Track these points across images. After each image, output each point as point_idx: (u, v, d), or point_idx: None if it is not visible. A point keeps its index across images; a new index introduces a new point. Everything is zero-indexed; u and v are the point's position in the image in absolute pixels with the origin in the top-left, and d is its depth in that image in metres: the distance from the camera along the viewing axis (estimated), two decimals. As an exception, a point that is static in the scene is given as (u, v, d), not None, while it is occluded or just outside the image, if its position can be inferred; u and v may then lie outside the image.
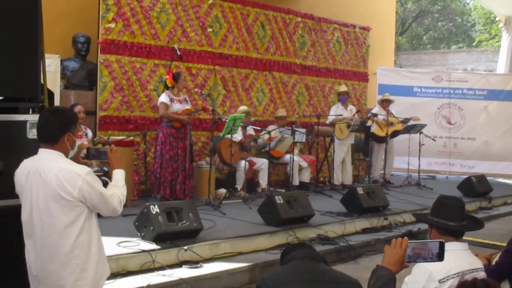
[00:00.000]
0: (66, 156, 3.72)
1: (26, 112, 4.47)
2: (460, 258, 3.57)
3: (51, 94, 5.08)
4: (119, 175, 3.94)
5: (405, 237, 2.89)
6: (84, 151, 4.07)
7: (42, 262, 3.66)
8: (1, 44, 4.36)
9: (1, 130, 4.21)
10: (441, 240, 2.86)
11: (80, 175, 3.58)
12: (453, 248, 3.56)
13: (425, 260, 2.87)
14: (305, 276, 2.95)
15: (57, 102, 8.32)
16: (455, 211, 3.76)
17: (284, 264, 3.12)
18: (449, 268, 3.52)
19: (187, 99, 9.84)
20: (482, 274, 3.57)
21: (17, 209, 3.81)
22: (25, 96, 4.57)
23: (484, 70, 24.98)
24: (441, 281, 3.52)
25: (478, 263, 3.71)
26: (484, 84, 16.35)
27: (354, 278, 3.08)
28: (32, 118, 4.38)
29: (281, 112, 11.96)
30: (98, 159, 4.21)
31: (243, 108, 10.89)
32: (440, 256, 2.83)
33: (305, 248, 3.13)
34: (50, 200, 3.58)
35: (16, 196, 3.82)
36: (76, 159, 3.87)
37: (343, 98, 12.48)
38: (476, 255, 3.88)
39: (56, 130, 3.66)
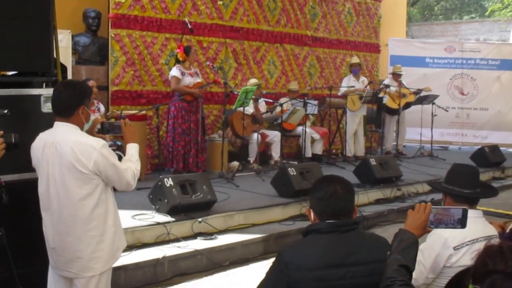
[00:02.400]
0: (81, 129, 3.74)
1: (39, 86, 4.49)
2: (475, 225, 3.56)
3: (64, 68, 5.10)
4: (133, 150, 3.96)
5: (429, 202, 2.89)
6: (98, 125, 4.08)
7: (59, 235, 3.70)
8: (14, 19, 4.37)
9: (16, 104, 4.23)
10: (465, 207, 2.86)
11: (95, 148, 3.60)
12: (468, 216, 3.56)
13: (446, 226, 2.86)
14: (330, 260, 2.83)
15: (69, 77, 8.34)
16: (469, 179, 3.76)
17: (309, 234, 2.96)
18: (464, 235, 3.52)
19: (198, 72, 9.84)
20: (497, 241, 3.57)
21: (33, 182, 3.85)
22: (38, 70, 4.59)
23: (497, 40, 24.74)
24: (455, 248, 3.53)
25: (493, 231, 3.72)
26: (497, 54, 16.23)
27: (384, 248, 2.92)
28: (46, 92, 4.41)
29: (293, 86, 11.93)
30: (112, 133, 4.22)
31: (253, 81, 10.86)
32: (462, 223, 2.82)
33: (330, 220, 2.93)
34: (66, 173, 3.61)
35: (31, 170, 3.86)
36: (90, 133, 3.89)
37: (355, 70, 12.42)
38: (491, 223, 3.88)
39: (71, 103, 3.67)
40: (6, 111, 3.57)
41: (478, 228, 3.61)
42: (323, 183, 3.06)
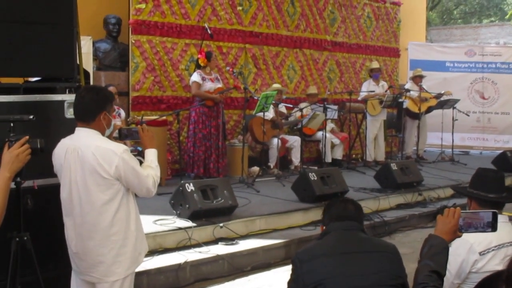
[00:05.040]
0: (103, 134, 3.76)
1: (63, 92, 4.53)
2: (501, 230, 3.48)
3: (87, 74, 5.15)
4: (152, 156, 3.96)
5: (458, 207, 2.87)
6: (116, 131, 4.10)
7: (81, 239, 3.72)
8: (37, 25, 4.41)
9: (40, 110, 4.26)
10: (494, 210, 2.84)
11: (117, 153, 3.62)
12: (496, 220, 3.51)
13: (476, 230, 2.84)
14: (336, 250, 3.04)
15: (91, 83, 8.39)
16: (494, 183, 3.71)
17: (320, 239, 3.20)
18: (490, 241, 3.49)
19: (219, 77, 9.85)
20: None
21: (56, 187, 3.87)
22: (61, 76, 4.63)
23: (517, 44, 24.54)
24: (481, 254, 3.49)
25: (519, 236, 3.68)
26: (519, 57, 16.08)
27: (390, 245, 3.16)
28: (69, 97, 4.44)
29: (312, 90, 11.92)
30: (130, 139, 4.26)
31: (276, 86, 10.87)
32: (493, 227, 2.79)
33: (341, 221, 3.18)
34: (87, 178, 3.63)
35: (55, 175, 3.88)
36: (110, 139, 3.90)
37: (376, 75, 12.37)
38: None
39: (92, 108, 3.70)
40: (31, 117, 3.59)
41: (504, 233, 3.56)
42: (336, 202, 3.37)
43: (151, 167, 3.86)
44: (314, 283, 2.93)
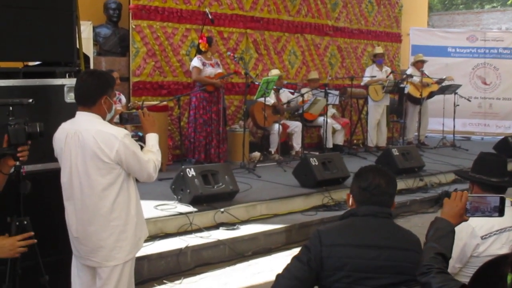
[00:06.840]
0: (103, 119, 3.74)
1: (63, 76, 4.49)
2: (503, 214, 3.52)
3: (86, 58, 5.12)
4: (153, 140, 3.95)
5: (465, 191, 2.85)
6: (117, 116, 4.08)
7: (82, 224, 3.72)
8: (37, 10, 4.37)
9: (39, 95, 4.22)
10: (502, 195, 2.82)
11: (117, 138, 3.60)
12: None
13: (483, 214, 2.83)
14: (362, 241, 2.92)
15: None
16: (497, 167, 3.70)
17: (345, 218, 3.07)
18: (492, 225, 3.48)
19: (219, 63, 9.82)
20: None
21: (56, 172, 3.86)
22: (61, 60, 4.59)
23: (520, 29, 24.42)
24: (483, 238, 3.49)
25: (521, 220, 3.66)
26: (521, 43, 16.02)
27: (416, 242, 3.01)
28: (69, 82, 4.40)
29: (313, 75, 11.86)
30: (131, 123, 4.22)
31: (274, 71, 10.82)
32: (500, 212, 2.79)
33: (368, 206, 3.01)
34: (88, 162, 3.61)
35: (55, 160, 3.86)
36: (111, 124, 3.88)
37: (380, 60, 12.32)
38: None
39: (93, 93, 3.68)
40: (31, 100, 3.56)
41: (506, 217, 3.52)
42: (369, 173, 3.12)
43: (152, 152, 3.85)
44: (333, 270, 2.85)
